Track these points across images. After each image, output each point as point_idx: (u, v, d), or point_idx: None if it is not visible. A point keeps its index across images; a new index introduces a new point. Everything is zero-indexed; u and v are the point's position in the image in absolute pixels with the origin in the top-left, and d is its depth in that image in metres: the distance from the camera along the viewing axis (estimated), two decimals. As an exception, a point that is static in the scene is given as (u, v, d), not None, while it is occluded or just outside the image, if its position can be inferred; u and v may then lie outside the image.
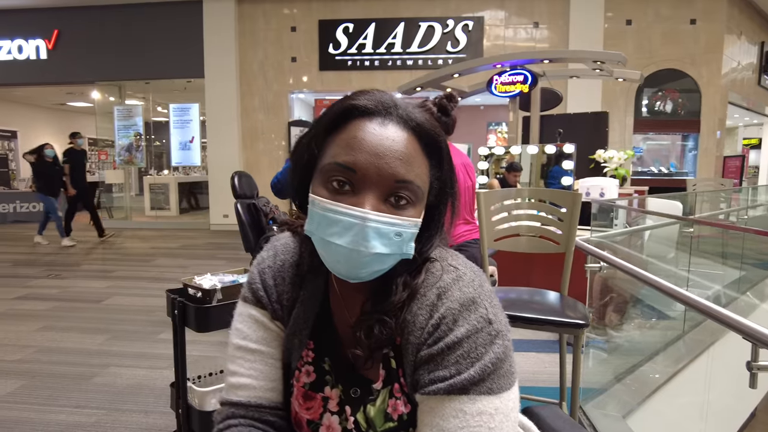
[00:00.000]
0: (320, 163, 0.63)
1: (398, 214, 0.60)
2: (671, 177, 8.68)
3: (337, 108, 0.64)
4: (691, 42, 8.11)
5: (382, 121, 0.61)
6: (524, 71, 3.96)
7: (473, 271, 0.67)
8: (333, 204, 0.59)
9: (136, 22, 8.59)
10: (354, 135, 0.60)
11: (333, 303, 0.73)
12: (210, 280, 1.69)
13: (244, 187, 3.57)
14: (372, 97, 0.63)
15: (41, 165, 6.88)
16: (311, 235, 0.64)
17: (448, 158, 0.66)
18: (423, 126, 0.63)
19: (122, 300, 4.42)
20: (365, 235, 0.58)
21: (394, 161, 0.59)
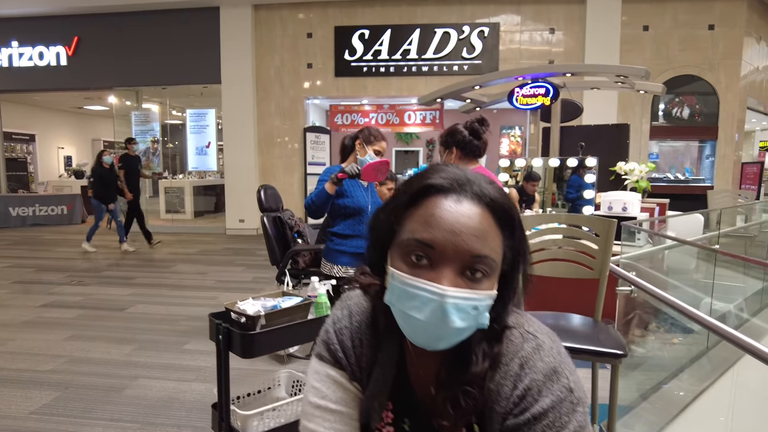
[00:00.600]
0: (399, 237, 0.66)
1: (474, 288, 0.62)
2: (688, 184, 8.61)
3: (415, 186, 0.67)
4: (710, 47, 8.04)
5: (458, 198, 0.64)
6: (546, 84, 3.97)
7: (550, 338, 0.69)
8: (412, 279, 0.62)
9: (154, 29, 8.70)
10: (431, 212, 0.63)
11: (409, 364, 0.75)
12: (253, 305, 1.73)
13: (270, 200, 3.61)
14: (447, 175, 0.66)
15: (99, 171, 7.01)
16: (391, 305, 0.67)
17: (520, 228, 0.68)
18: (496, 201, 0.65)
19: (145, 308, 4.49)
20: (444, 311, 0.61)
21: (470, 237, 0.61)
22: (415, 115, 8.94)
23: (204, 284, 5.35)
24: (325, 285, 1.93)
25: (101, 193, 6.92)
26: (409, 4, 8.21)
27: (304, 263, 3.50)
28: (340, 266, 2.53)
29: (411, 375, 0.75)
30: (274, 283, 5.20)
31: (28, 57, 9.06)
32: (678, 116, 8.34)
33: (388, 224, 0.68)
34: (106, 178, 6.95)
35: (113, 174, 7.05)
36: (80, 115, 14.10)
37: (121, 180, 7.12)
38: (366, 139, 2.52)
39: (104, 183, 6.94)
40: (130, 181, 7.22)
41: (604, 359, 1.64)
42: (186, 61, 8.66)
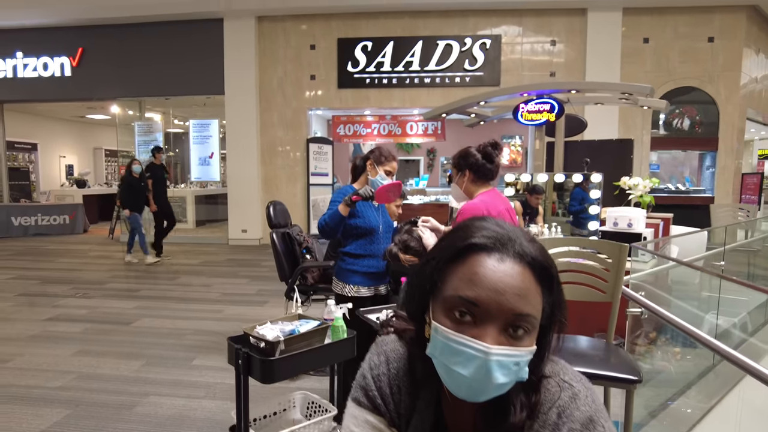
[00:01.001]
0: (443, 293, 0.68)
1: (516, 345, 0.64)
2: (689, 194, 8.66)
3: (459, 244, 0.69)
4: (709, 59, 8.12)
5: (500, 257, 0.66)
6: (551, 100, 4.01)
7: (585, 387, 0.72)
8: (457, 336, 0.64)
9: (158, 40, 8.76)
10: (475, 271, 0.65)
11: (446, 411, 0.76)
12: (271, 329, 1.75)
13: (279, 216, 3.64)
14: (490, 234, 0.68)
15: (128, 180, 7.04)
16: (433, 358, 0.69)
17: (557, 283, 0.70)
18: (536, 259, 0.67)
19: (151, 322, 4.50)
20: (488, 368, 0.63)
21: (513, 297, 0.64)
22: (417, 126, 8.99)
23: (209, 297, 5.36)
24: (342, 308, 1.95)
25: (130, 202, 6.95)
26: (411, 17, 8.28)
27: (312, 279, 3.52)
28: (351, 285, 2.55)
29: (448, 423, 0.76)
30: (279, 295, 5.24)
31: (33, 68, 9.11)
32: (679, 127, 8.41)
33: (432, 277, 0.70)
34: (135, 187, 7.00)
35: (142, 183, 7.09)
36: (82, 124, 14.14)
37: (149, 190, 7.17)
38: (377, 159, 2.55)
39: (133, 192, 6.97)
40: (157, 190, 7.26)
41: (619, 384, 1.66)
42: (189, 71, 8.72)
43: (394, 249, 2.32)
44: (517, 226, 0.72)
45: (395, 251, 2.30)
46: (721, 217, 6.02)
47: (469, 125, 5.43)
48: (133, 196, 6.96)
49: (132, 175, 6.96)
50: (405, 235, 2.35)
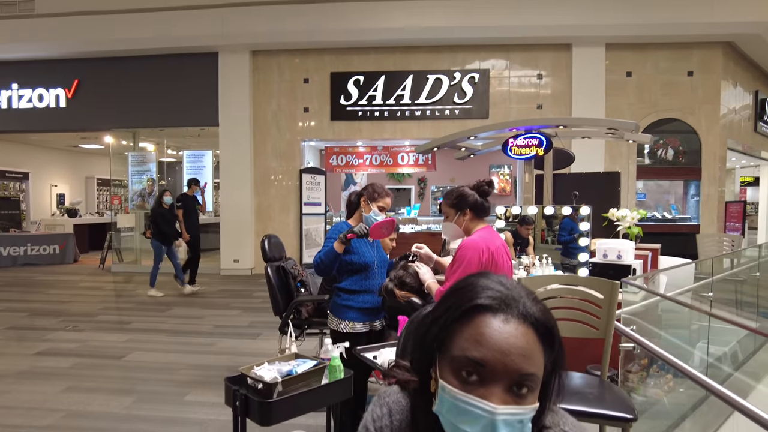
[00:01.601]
0: (449, 351, 0.72)
1: (521, 404, 0.67)
2: (676, 222, 8.83)
3: (465, 305, 0.72)
4: (689, 92, 8.41)
5: (505, 317, 0.69)
6: (539, 135, 4.13)
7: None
8: (465, 396, 0.67)
9: (153, 72, 8.89)
10: (481, 331, 0.69)
11: None
12: (269, 370, 1.77)
13: (273, 249, 3.67)
14: (495, 295, 0.72)
15: (156, 211, 7.05)
16: (440, 415, 0.72)
17: (558, 341, 0.74)
18: (539, 320, 0.71)
19: (143, 356, 4.45)
20: (494, 427, 0.66)
21: (518, 357, 0.67)
22: (408, 157, 9.14)
23: (201, 329, 5.32)
24: (339, 348, 1.97)
25: (162, 234, 6.92)
26: (402, 52, 8.52)
27: (307, 313, 3.53)
28: (347, 321, 2.58)
29: None
30: (271, 327, 5.23)
31: (28, 99, 9.18)
32: (663, 157, 8.63)
33: (439, 336, 0.74)
34: (167, 217, 7.01)
35: (173, 214, 7.11)
36: (75, 153, 14.16)
37: (180, 220, 7.18)
38: (370, 196, 2.61)
39: (166, 223, 6.98)
40: (189, 221, 7.29)
41: (614, 423, 1.69)
42: (184, 103, 8.84)
43: (389, 285, 2.36)
44: (520, 284, 0.76)
45: (391, 287, 2.34)
46: (707, 246, 6.15)
47: (460, 158, 5.55)
48: (163, 226, 6.96)
49: (162, 206, 6.99)
50: (401, 271, 2.39)
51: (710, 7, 7.72)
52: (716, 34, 8.07)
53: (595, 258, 3.92)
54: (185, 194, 7.40)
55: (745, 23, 7.88)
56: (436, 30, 8.07)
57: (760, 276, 4.73)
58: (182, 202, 7.26)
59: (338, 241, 2.46)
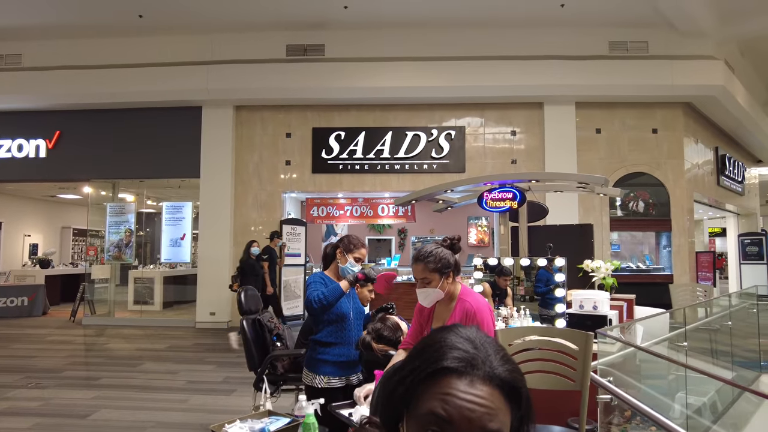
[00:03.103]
0: (416, 410, 0.73)
1: None
2: (650, 273, 9.02)
3: (431, 367, 0.74)
4: (655, 148, 8.84)
5: (471, 380, 0.71)
6: (513, 189, 4.29)
7: None
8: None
9: (136, 125, 8.99)
10: (446, 392, 0.71)
11: None
12: (240, 428, 1.74)
13: (250, 302, 3.64)
14: (461, 356, 0.73)
15: (247, 263, 7.01)
16: None
17: (526, 399, 0.75)
18: (506, 381, 0.72)
19: (110, 414, 4.26)
20: None
21: (483, 416, 0.69)
22: (388, 208, 9.27)
23: (174, 385, 5.14)
24: (314, 405, 1.95)
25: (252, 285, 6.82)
26: (382, 110, 8.84)
27: (282, 368, 3.47)
28: (322, 376, 2.54)
29: None
30: (247, 383, 5.07)
31: (6, 149, 9.13)
32: (634, 209, 8.93)
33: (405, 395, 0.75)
34: (256, 269, 7.07)
35: (260, 266, 7.16)
36: (52, 203, 13.97)
37: (266, 272, 7.20)
38: (346, 248, 2.65)
39: (253, 273, 7.00)
40: (272, 274, 7.37)
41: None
42: (166, 155, 8.91)
43: (367, 338, 2.36)
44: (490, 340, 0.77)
45: (368, 340, 2.34)
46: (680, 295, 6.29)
47: (437, 210, 5.68)
48: (251, 277, 6.95)
49: (251, 257, 7.02)
50: (378, 324, 2.40)
51: (670, 70, 8.28)
52: (676, 95, 8.61)
53: (572, 309, 3.98)
54: (269, 247, 7.46)
55: (701, 86, 8.44)
56: (414, 89, 8.43)
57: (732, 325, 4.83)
58: (268, 254, 7.33)
59: (346, 280, 2.48)
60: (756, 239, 11.52)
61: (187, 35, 8.61)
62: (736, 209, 12.60)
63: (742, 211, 13.11)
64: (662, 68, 8.31)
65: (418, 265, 2.11)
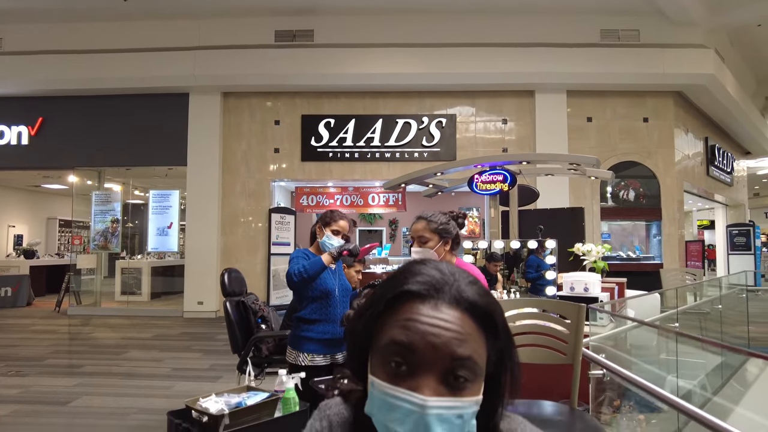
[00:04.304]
0: (377, 343, 0.65)
1: (458, 395, 0.60)
2: (640, 261, 9.04)
3: (391, 292, 0.65)
4: (646, 137, 8.83)
5: (435, 303, 0.62)
6: (504, 171, 4.22)
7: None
8: (391, 389, 0.60)
9: (121, 112, 8.81)
10: (408, 316, 0.62)
11: None
12: (216, 402, 1.66)
13: (234, 283, 3.56)
14: (423, 279, 0.65)
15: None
16: (372, 416, 0.64)
17: (504, 329, 0.66)
18: (475, 304, 0.63)
19: (91, 401, 4.16)
20: (426, 424, 0.58)
21: (450, 341, 0.59)
22: (378, 197, 9.18)
23: (159, 372, 5.04)
24: (294, 378, 1.88)
25: None
26: (372, 97, 8.73)
27: (267, 350, 3.39)
28: (306, 354, 2.47)
29: None
30: (233, 370, 4.97)
31: (-13, 136, 8.92)
32: (625, 198, 8.93)
33: (367, 330, 0.67)
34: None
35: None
36: (36, 193, 13.72)
37: None
38: (323, 221, 2.58)
39: None
40: None
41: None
42: (152, 143, 8.75)
43: (351, 314, 2.29)
44: (461, 270, 0.68)
45: (352, 316, 2.27)
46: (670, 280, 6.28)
47: (427, 195, 5.61)
48: None
49: None
50: (363, 300, 2.32)
51: (661, 59, 8.25)
52: (667, 84, 8.59)
53: (562, 291, 3.93)
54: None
55: (692, 75, 8.43)
56: (404, 76, 8.34)
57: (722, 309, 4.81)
58: None
59: (328, 255, 2.41)
60: (744, 230, 11.60)
61: (174, 20, 8.44)
62: (724, 200, 12.66)
63: (731, 203, 13.19)
64: (653, 56, 8.28)
65: (419, 223, 2.07)
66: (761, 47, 10.10)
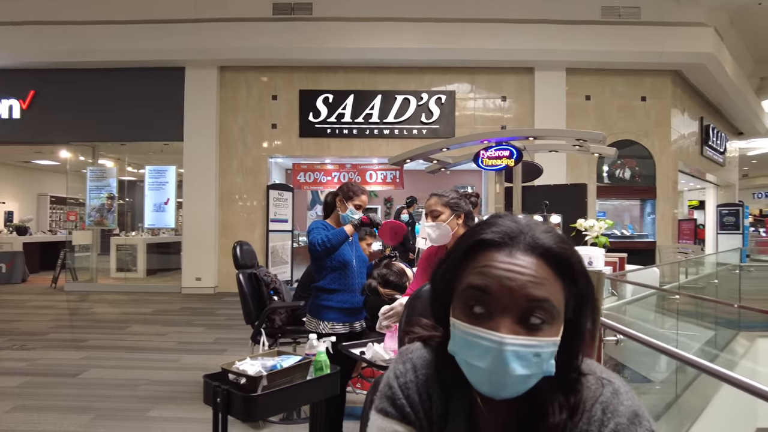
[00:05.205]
0: (457, 289, 0.69)
1: (534, 335, 0.62)
2: (633, 239, 9.18)
3: (468, 242, 0.70)
4: (644, 116, 8.88)
5: (510, 251, 0.65)
6: (510, 147, 4.25)
7: (623, 383, 0.71)
8: (471, 328, 0.64)
9: (115, 86, 8.64)
10: (485, 264, 0.66)
11: (478, 416, 0.73)
12: (252, 365, 1.69)
13: (246, 256, 3.57)
14: (498, 229, 0.68)
15: None
16: (455, 355, 0.68)
17: (583, 274, 0.68)
18: (551, 250, 0.65)
19: (101, 373, 4.20)
20: (504, 359, 0.62)
21: (526, 284, 0.63)
22: (376, 175, 9.17)
23: (164, 346, 5.08)
24: (325, 342, 1.92)
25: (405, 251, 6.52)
26: (371, 72, 8.64)
27: (280, 321, 3.43)
28: (326, 322, 2.51)
29: (480, 428, 0.73)
30: (238, 343, 5.06)
31: (-23, 110, 8.71)
32: (621, 177, 9.01)
33: (446, 279, 0.72)
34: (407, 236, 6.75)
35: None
36: (27, 169, 13.50)
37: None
38: (345, 195, 2.57)
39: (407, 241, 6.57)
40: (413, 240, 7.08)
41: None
42: (148, 117, 8.61)
43: (373, 283, 2.33)
44: (535, 220, 0.72)
45: (374, 285, 2.31)
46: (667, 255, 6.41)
47: (431, 171, 5.63)
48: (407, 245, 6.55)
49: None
50: (384, 269, 2.36)
51: (661, 36, 8.25)
52: (666, 62, 8.61)
53: (566, 266, 4.00)
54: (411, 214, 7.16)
55: (691, 53, 8.45)
56: (404, 51, 8.25)
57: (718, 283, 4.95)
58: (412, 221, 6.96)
59: (350, 224, 2.43)
60: (733, 210, 11.81)
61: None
62: (716, 180, 12.85)
63: (722, 183, 13.38)
64: (653, 34, 8.27)
65: (431, 199, 2.10)
66: (760, 26, 10.11)
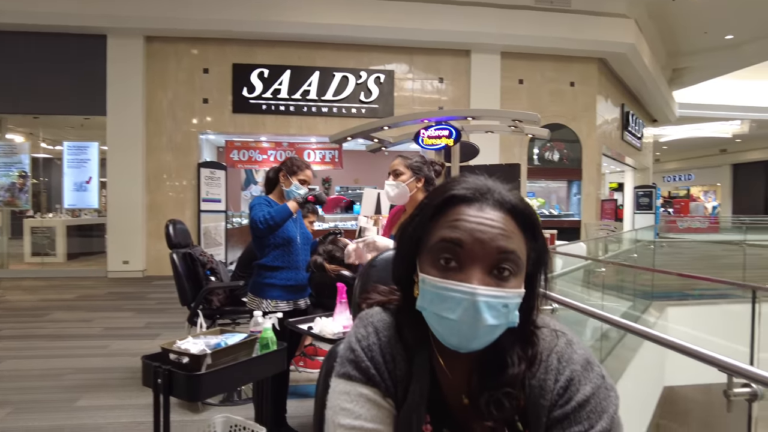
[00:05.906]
0: (427, 245, 0.71)
1: (503, 286, 0.66)
2: (561, 218, 9.72)
3: (439, 198, 0.72)
4: (572, 101, 9.34)
5: (480, 206, 0.69)
6: (449, 127, 4.32)
7: (574, 334, 0.76)
8: (443, 282, 0.66)
9: (27, 51, 7.84)
10: (456, 217, 0.69)
11: (439, 374, 0.75)
12: (194, 343, 1.63)
13: (179, 235, 3.42)
14: (469, 185, 0.71)
15: None
16: (423, 311, 0.70)
17: (540, 231, 0.73)
18: (517, 207, 0.70)
19: (18, 364, 3.89)
20: (476, 309, 0.64)
21: (495, 236, 0.66)
22: (314, 154, 9.02)
23: (90, 333, 4.77)
24: (271, 319, 1.88)
25: None
26: (308, 48, 8.42)
27: (218, 302, 3.33)
28: (269, 300, 2.47)
29: (442, 385, 0.75)
30: (171, 327, 4.89)
31: None
32: (550, 159, 9.47)
33: (416, 235, 0.73)
34: None
35: None
36: None
37: None
38: (289, 170, 2.52)
39: None
40: None
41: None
42: (64, 89, 7.90)
43: (319, 259, 2.30)
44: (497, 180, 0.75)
45: (320, 261, 2.29)
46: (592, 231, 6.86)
47: (371, 150, 5.62)
48: None
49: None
50: (329, 245, 2.34)
51: (588, 25, 8.67)
52: (592, 50, 9.08)
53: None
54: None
55: (614, 43, 8.96)
56: (343, 27, 8.10)
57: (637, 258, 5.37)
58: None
59: (294, 201, 2.37)
60: (647, 191, 12.79)
61: (85, -50, 7.52)
62: (633, 164, 13.82)
63: (638, 166, 14.42)
64: (581, 23, 8.67)
65: (396, 159, 2.14)
66: (674, 22, 10.88)
